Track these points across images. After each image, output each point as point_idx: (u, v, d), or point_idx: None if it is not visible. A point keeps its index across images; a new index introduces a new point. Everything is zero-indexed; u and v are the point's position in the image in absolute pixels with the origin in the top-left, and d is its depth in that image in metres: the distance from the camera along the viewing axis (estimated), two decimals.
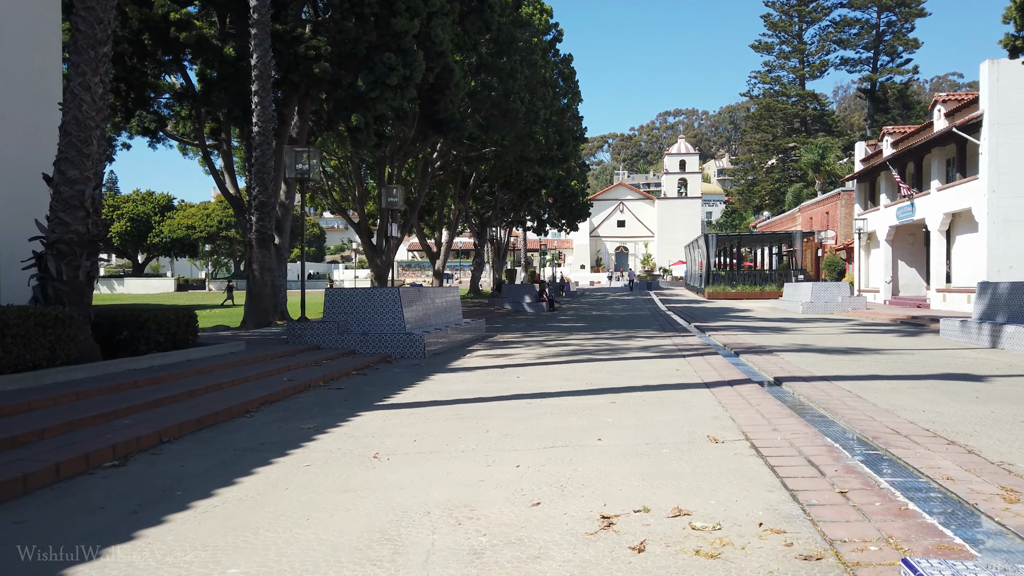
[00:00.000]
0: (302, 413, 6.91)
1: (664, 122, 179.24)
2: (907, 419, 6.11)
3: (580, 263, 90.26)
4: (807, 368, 9.75)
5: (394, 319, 11.97)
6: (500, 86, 21.48)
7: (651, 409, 6.75)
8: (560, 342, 14.50)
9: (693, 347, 13.00)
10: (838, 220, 41.08)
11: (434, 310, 14.14)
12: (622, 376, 9.15)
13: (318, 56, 15.44)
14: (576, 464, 4.76)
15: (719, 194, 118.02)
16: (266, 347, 11.07)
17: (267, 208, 15.25)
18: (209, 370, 8.57)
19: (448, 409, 6.99)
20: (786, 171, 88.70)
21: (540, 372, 9.72)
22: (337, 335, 11.67)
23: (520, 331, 17.99)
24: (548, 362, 10.89)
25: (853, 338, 15.05)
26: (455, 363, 10.94)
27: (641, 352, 12.27)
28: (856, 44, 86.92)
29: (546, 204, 44.42)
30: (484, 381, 8.94)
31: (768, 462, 4.64)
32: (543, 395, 7.75)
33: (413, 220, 37.61)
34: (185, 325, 9.76)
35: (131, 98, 15.86)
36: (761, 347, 12.82)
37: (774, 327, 18.54)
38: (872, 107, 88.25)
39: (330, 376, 9.18)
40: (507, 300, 29.05)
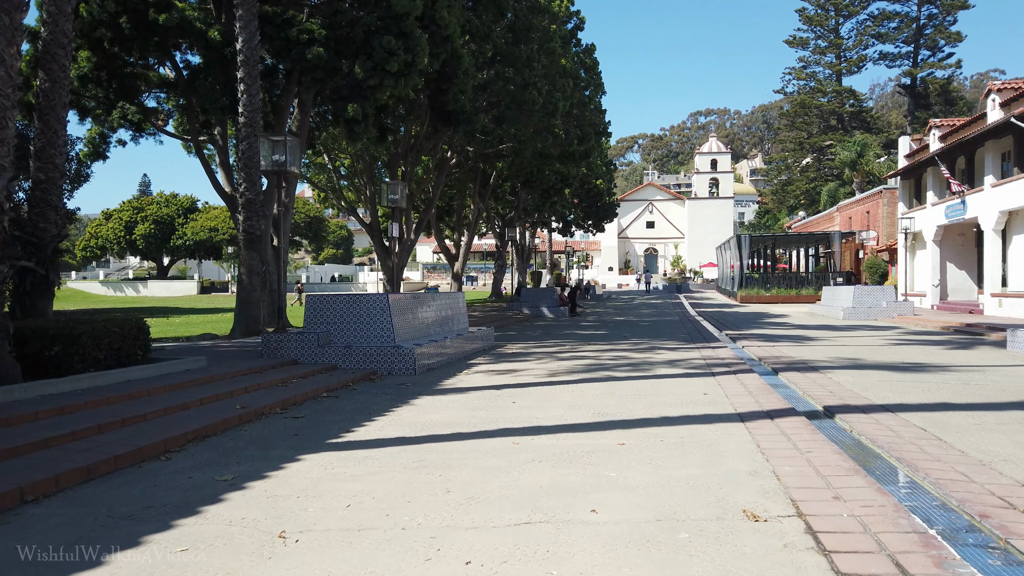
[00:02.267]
0: (232, 455, 5.54)
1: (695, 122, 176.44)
2: (1016, 479, 4.53)
3: (608, 265, 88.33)
4: (862, 392, 8.14)
5: (383, 330, 10.58)
6: (516, 76, 20.04)
7: (669, 456, 5.25)
8: (574, 353, 13.01)
9: (724, 361, 11.42)
10: (880, 220, 38.88)
11: (434, 319, 12.74)
12: (638, 402, 7.64)
13: (311, 40, 14.16)
14: (554, 560, 3.30)
15: (751, 194, 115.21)
16: (233, 362, 9.76)
17: (255, 206, 14.01)
18: (144, 394, 7.25)
19: (412, 452, 5.57)
20: (821, 170, 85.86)
21: (542, 395, 8.25)
22: (317, 348, 10.32)
23: (534, 340, 16.52)
24: (555, 381, 9.41)
25: (907, 351, 13.32)
26: (448, 381, 9.52)
27: (665, 368, 10.73)
28: (895, 38, 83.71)
29: (570, 204, 42.85)
30: (472, 408, 7.50)
31: (835, 565, 3.13)
32: (537, 430, 6.29)
33: (432, 220, 36.38)
34: (132, 338, 8.47)
35: (113, 88, 14.73)
36: (803, 362, 11.20)
37: (815, 336, 16.82)
38: (912, 103, 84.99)
39: (293, 400, 7.81)
40: (526, 304, 27.57)
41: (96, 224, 66.34)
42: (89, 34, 13.61)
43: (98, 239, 64.35)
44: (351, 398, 8.25)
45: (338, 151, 26.65)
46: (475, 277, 75.89)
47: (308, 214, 65.63)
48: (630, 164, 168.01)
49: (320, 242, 78.02)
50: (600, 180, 43.74)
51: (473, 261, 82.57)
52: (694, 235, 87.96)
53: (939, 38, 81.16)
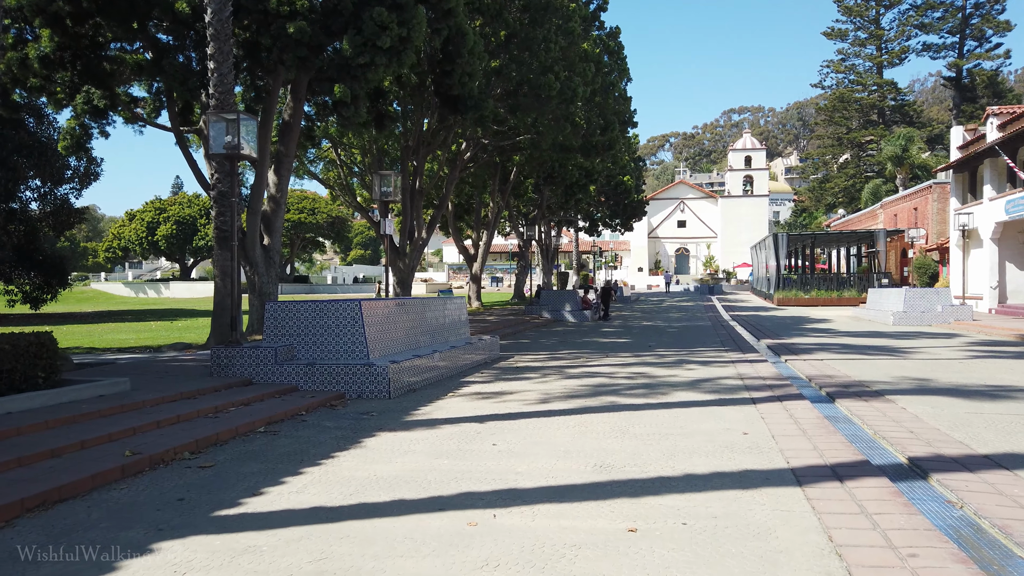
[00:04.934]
0: (63, 538, 3.85)
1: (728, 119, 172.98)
2: None
3: (637, 266, 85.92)
4: (952, 432, 6.21)
5: (354, 344, 8.88)
6: (532, 60, 18.24)
7: (696, 558, 3.43)
8: (587, 369, 11.18)
9: (766, 381, 9.52)
10: (929, 217, 36.28)
11: (424, 329, 11.01)
12: (656, 446, 5.82)
13: (293, 13, 12.55)
14: None
15: (787, 193, 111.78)
16: (170, 384, 8.13)
17: (228, 199, 12.42)
18: (12, 433, 5.62)
19: (318, 541, 3.82)
20: (861, 166, 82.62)
21: (533, 432, 6.46)
22: (275, 365, 8.65)
23: (546, 350, 14.72)
24: (554, 411, 7.61)
25: (984, 366, 11.23)
26: (423, 409, 7.77)
27: (693, 391, 8.87)
28: (940, 28, 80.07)
29: (596, 201, 40.87)
30: (437, 453, 5.74)
31: None
32: (511, 497, 4.51)
33: (449, 218, 34.75)
34: (31, 357, 6.87)
35: (78, 70, 13.26)
36: (862, 384, 9.24)
37: (868, 346, 14.76)
38: (957, 96, 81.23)
39: (216, 438, 6.13)
40: (546, 308, 25.73)
41: (119, 225, 66.08)
42: (45, 8, 12.14)
43: (120, 240, 64.00)
44: (292, 434, 6.54)
45: (347, 145, 25.13)
46: (500, 278, 74.20)
47: (330, 214, 64.51)
48: (661, 163, 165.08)
49: (345, 243, 77.02)
50: (627, 176, 41.68)
51: (499, 262, 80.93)
52: (727, 234, 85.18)
53: (986, 27, 77.48)
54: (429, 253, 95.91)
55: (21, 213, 30.99)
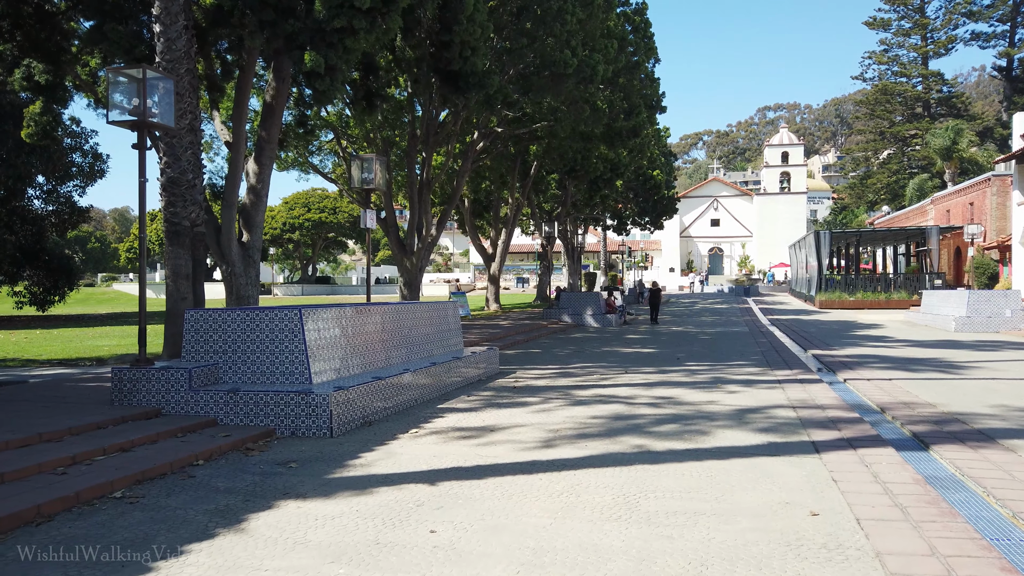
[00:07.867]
0: None
1: (763, 117, 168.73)
2: None
3: (669, 266, 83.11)
4: None
5: (292, 364, 6.93)
6: (544, 33, 16.18)
7: None
8: (602, 391, 9.10)
9: (825, 412, 7.37)
10: (987, 212, 33.37)
11: (398, 341, 9.03)
12: (677, 545, 3.74)
13: None
14: None
15: (824, 191, 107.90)
16: (49, 415, 6.25)
17: (180, 187, 10.60)
18: None
19: None
20: (905, 161, 78.93)
21: (499, 507, 4.42)
22: (187, 392, 6.73)
23: (558, 362, 12.65)
24: (541, 463, 5.56)
25: None
26: (365, 457, 5.77)
27: (731, 427, 6.75)
28: (989, 16, 76.06)
29: (624, 197, 38.57)
30: (336, 554, 3.72)
31: None
32: None
33: (467, 216, 32.83)
34: None
35: (17, 42, 11.55)
36: (956, 417, 7.05)
37: (937, 360, 12.44)
38: (1008, 88, 77.10)
39: (29, 514, 4.21)
40: (566, 311, 23.62)
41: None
42: None
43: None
44: (157, 503, 4.58)
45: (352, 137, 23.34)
46: (527, 279, 71.95)
47: (352, 213, 63.01)
48: (694, 161, 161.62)
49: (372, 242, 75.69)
50: (657, 171, 39.32)
51: (526, 262, 78.88)
52: (763, 233, 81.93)
53: None
54: (457, 253, 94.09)
55: (26, 212, 29.88)
